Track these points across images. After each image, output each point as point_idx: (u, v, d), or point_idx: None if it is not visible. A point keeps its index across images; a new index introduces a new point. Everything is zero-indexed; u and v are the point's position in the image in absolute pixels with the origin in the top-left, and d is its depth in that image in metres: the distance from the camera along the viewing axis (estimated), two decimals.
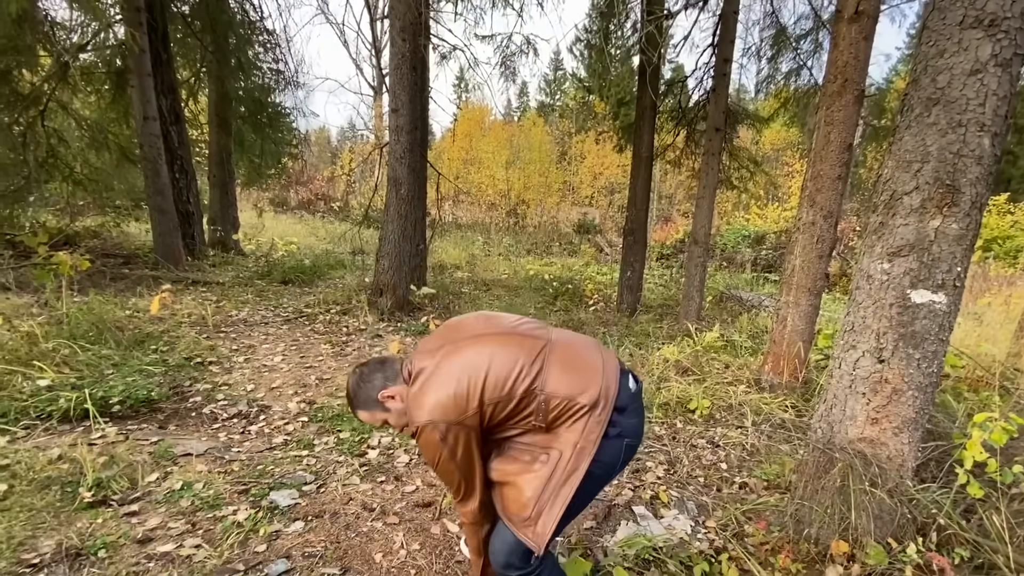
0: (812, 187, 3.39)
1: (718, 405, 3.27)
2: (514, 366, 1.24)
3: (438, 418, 1.21)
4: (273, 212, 14.08)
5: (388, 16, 4.97)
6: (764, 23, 6.23)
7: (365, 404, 1.35)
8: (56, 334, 3.30)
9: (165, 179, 6.16)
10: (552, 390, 1.24)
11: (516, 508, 1.26)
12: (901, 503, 1.75)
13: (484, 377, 1.23)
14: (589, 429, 1.25)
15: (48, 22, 5.58)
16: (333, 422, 2.87)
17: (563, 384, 1.25)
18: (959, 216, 1.65)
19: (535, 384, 1.24)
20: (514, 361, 1.24)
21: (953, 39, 1.63)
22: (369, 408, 1.34)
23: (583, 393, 1.25)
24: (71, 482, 2.06)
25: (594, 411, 1.25)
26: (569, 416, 1.25)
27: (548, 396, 1.24)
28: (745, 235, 12.68)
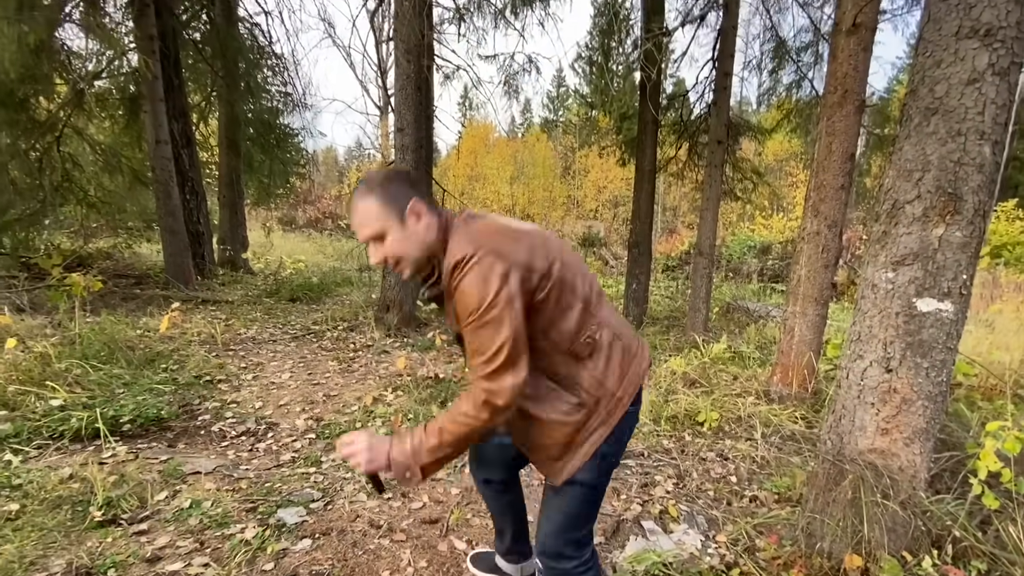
0: (815, 197, 3.39)
1: (727, 417, 3.24)
2: (578, 268, 1.13)
3: (500, 252, 0.99)
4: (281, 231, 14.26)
5: (393, 38, 5.09)
6: (764, 37, 6.32)
7: (381, 197, 1.06)
8: (69, 354, 3.35)
9: (176, 201, 6.28)
10: (603, 317, 1.15)
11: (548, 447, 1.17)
12: (915, 515, 1.72)
13: (556, 248, 1.09)
14: (629, 380, 1.16)
15: (64, 51, 5.77)
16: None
17: (612, 320, 1.18)
18: (962, 224, 1.66)
19: (591, 300, 1.13)
20: (577, 266, 1.14)
21: (949, 49, 1.65)
22: (383, 203, 1.06)
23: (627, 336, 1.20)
24: (82, 501, 2.07)
25: (636, 359, 1.19)
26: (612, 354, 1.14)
27: (600, 321, 1.14)
28: (750, 246, 12.65)
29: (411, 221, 1.08)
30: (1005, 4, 1.56)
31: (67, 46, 5.83)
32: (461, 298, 1.00)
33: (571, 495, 1.21)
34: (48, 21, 4.79)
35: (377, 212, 1.06)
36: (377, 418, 3.14)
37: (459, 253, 1.01)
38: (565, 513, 1.23)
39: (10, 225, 5.58)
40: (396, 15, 4.85)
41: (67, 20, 5.39)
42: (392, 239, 1.07)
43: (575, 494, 1.21)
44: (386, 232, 1.07)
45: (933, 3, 1.68)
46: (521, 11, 5.75)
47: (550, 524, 1.25)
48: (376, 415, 3.18)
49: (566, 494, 1.21)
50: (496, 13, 5.80)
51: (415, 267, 1.11)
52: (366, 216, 1.06)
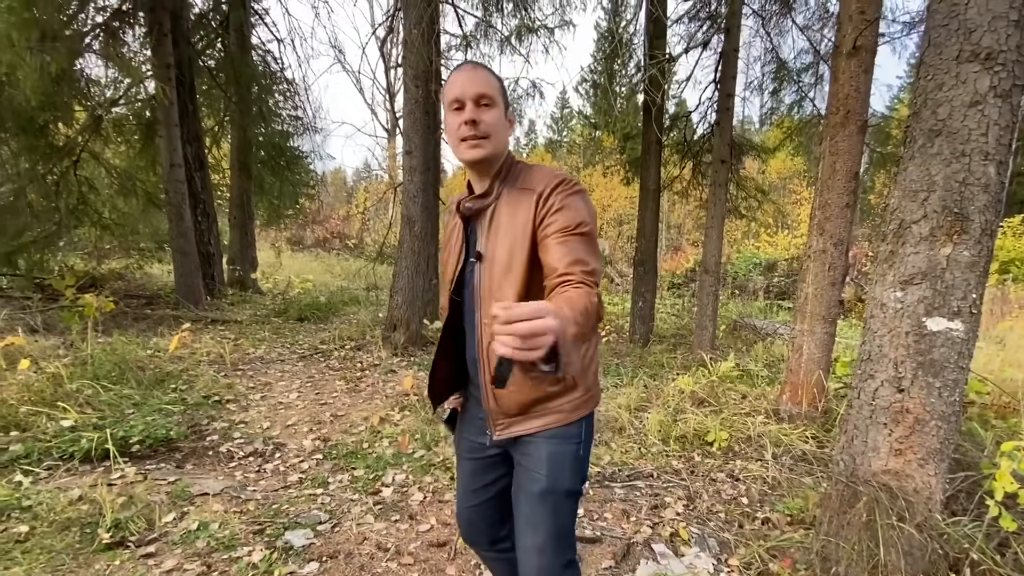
0: (821, 216, 3.41)
1: (736, 437, 3.20)
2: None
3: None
4: (290, 250, 14.41)
5: (402, 65, 5.22)
6: (765, 59, 6.41)
7: (501, 83, 1.12)
8: (80, 375, 3.38)
9: (188, 222, 6.39)
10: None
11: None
12: (931, 538, 1.69)
13: None
14: (598, 385, 1.21)
15: (84, 79, 5.95)
16: (348, 459, 2.87)
17: None
18: (970, 243, 1.66)
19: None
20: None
21: (951, 73, 1.67)
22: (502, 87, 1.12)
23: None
24: (90, 523, 2.08)
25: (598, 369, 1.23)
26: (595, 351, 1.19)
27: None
28: (756, 263, 12.62)
29: (509, 121, 1.13)
30: (1005, 28, 1.59)
31: (86, 74, 6.02)
32: (569, 210, 1.03)
33: (553, 503, 1.11)
34: (69, 51, 4.96)
35: (498, 86, 1.09)
36: (384, 438, 3.13)
37: (559, 175, 1.07)
38: (556, 526, 1.12)
39: (26, 247, 5.69)
40: (405, 43, 4.98)
41: (87, 50, 5.58)
42: (496, 114, 1.08)
43: (557, 502, 1.12)
44: (495, 105, 1.08)
45: (933, 28, 1.71)
46: (526, 38, 5.90)
47: (540, 555, 1.11)
48: (383, 435, 3.17)
49: (546, 503, 1.11)
50: (502, 40, 5.95)
51: (494, 152, 1.09)
52: (488, 81, 1.08)
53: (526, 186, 1.08)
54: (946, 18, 1.67)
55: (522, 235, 1.05)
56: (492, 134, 1.07)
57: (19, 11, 4.40)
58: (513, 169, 1.13)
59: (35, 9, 4.53)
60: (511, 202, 1.09)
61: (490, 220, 1.11)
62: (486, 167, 1.11)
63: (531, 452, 1.14)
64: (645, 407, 3.60)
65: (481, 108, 1.06)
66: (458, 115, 1.07)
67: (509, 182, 1.12)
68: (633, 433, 3.23)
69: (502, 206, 1.10)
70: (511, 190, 1.10)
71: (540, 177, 1.08)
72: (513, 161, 1.14)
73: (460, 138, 1.07)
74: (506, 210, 1.09)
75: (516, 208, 1.08)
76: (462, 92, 1.06)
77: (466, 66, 1.10)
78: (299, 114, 8.92)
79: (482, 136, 1.06)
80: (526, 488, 1.14)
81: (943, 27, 1.68)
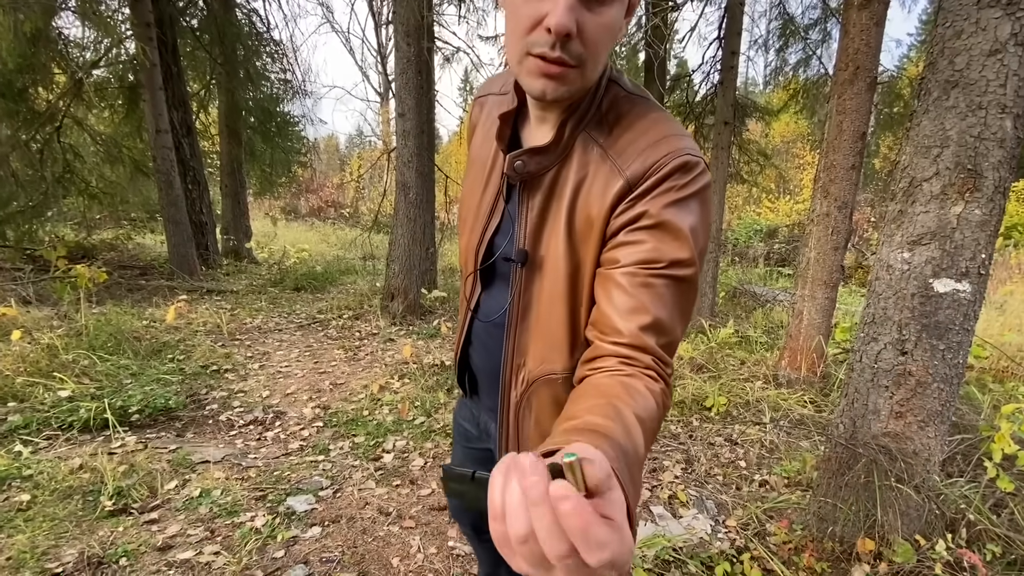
0: (825, 178, 3.33)
1: (735, 402, 3.22)
2: None
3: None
4: (284, 220, 14.23)
5: (392, 21, 5.00)
6: (771, 14, 6.17)
7: None
8: (76, 345, 3.35)
9: (178, 191, 6.25)
10: None
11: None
12: (929, 499, 1.70)
13: None
14: None
15: (62, 40, 5.70)
16: (348, 427, 2.88)
17: None
18: (982, 201, 1.61)
19: None
20: None
21: (971, 19, 1.58)
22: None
23: None
24: (92, 491, 2.09)
25: None
26: None
27: None
28: (757, 229, 12.53)
29: (629, 15, 0.63)
30: None
31: (64, 35, 5.76)
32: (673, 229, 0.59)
33: None
34: (44, 9, 4.72)
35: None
36: (384, 405, 3.14)
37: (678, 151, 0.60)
38: None
39: (13, 217, 5.58)
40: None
41: (63, 8, 5.32)
42: (612, 18, 0.57)
43: None
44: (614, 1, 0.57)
45: None
46: None
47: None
48: (383, 403, 3.18)
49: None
50: None
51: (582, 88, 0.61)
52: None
53: (620, 152, 0.63)
54: None
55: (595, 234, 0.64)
56: (593, 58, 0.58)
57: None
58: (601, 105, 0.66)
59: None
60: (587, 167, 0.65)
61: (547, 196, 0.68)
62: (561, 104, 0.65)
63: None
64: None
65: (591, 5, 0.55)
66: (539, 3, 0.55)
67: (592, 129, 0.65)
68: None
69: (570, 170, 0.66)
70: (592, 148, 0.65)
71: (647, 143, 0.62)
72: (608, 85, 0.67)
73: (534, 53, 0.57)
74: (574, 180, 0.65)
75: (593, 181, 0.64)
76: None
77: None
78: (288, 77, 8.62)
79: (575, 64, 0.57)
80: None
81: None
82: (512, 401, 0.77)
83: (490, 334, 0.81)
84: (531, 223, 0.69)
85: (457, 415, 1.10)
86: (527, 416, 0.76)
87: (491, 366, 0.81)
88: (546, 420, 0.75)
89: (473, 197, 0.79)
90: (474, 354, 0.88)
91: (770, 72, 6.68)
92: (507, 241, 0.74)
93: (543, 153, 0.66)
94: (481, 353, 0.86)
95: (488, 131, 0.77)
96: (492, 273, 0.78)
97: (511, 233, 0.73)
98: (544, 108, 0.67)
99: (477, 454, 1.05)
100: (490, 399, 0.86)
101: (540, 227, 0.69)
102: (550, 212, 0.68)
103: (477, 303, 0.82)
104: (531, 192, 0.69)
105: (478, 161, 0.79)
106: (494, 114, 0.73)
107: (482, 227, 0.76)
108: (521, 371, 0.74)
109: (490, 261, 0.77)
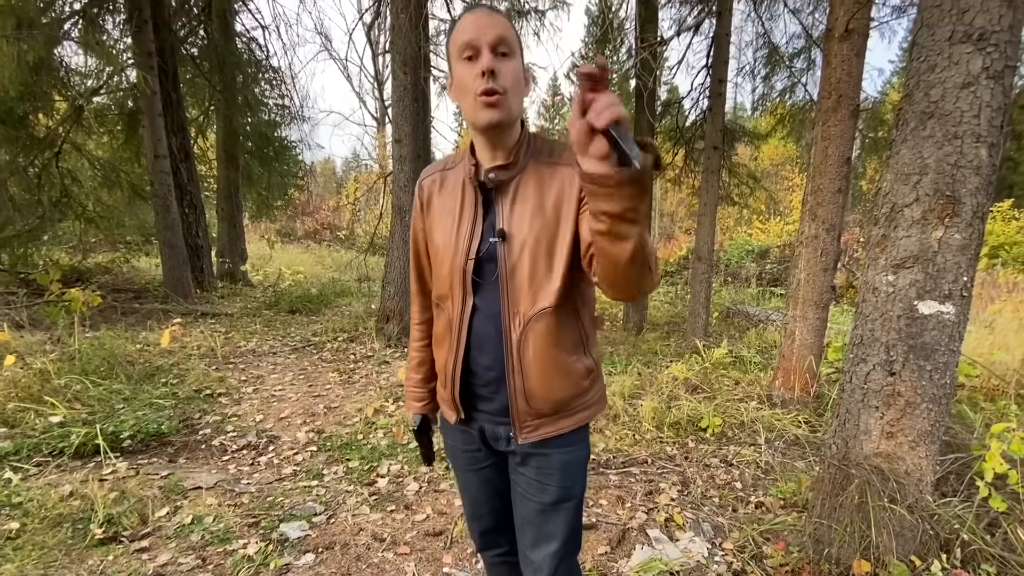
0: (813, 201, 3.41)
1: (730, 423, 3.23)
2: None
3: None
4: (280, 242, 14.27)
5: (390, 51, 5.13)
6: (757, 43, 6.37)
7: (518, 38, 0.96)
8: (68, 370, 3.33)
9: (175, 215, 6.29)
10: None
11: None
12: (922, 519, 1.71)
13: None
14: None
15: (63, 68, 5.80)
16: (342, 451, 2.86)
17: None
18: (961, 226, 1.66)
19: None
20: None
21: (943, 54, 1.66)
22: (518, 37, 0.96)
23: None
24: (82, 519, 2.06)
25: None
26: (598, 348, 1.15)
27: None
28: (748, 250, 12.68)
29: (526, 79, 0.98)
30: (998, 8, 1.57)
31: (66, 63, 5.87)
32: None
33: (566, 511, 1.08)
34: (47, 39, 4.83)
35: (515, 35, 0.94)
36: (379, 429, 3.12)
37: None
38: (570, 529, 1.10)
39: (9, 241, 5.58)
40: (392, 28, 4.89)
41: (66, 38, 5.43)
42: (516, 67, 0.92)
43: (570, 508, 1.09)
44: (513, 56, 0.92)
45: (926, 9, 1.70)
46: (517, 22, 5.81)
47: (554, 559, 1.08)
48: (378, 426, 3.16)
49: (560, 512, 1.08)
50: None
51: (514, 114, 0.94)
52: (507, 26, 0.92)
53: (561, 161, 0.96)
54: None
55: (561, 216, 0.94)
56: (512, 91, 0.91)
57: None
58: (535, 140, 1.01)
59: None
60: (539, 176, 0.97)
61: (514, 194, 0.97)
62: (503, 133, 0.95)
63: (541, 464, 1.05)
64: (639, 394, 3.62)
65: (499, 58, 0.89)
66: (471, 65, 0.89)
67: (535, 153, 0.99)
68: (628, 420, 3.25)
69: (528, 179, 0.97)
70: (539, 162, 0.98)
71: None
72: (530, 134, 1.02)
73: (477, 92, 0.89)
74: (533, 185, 0.96)
75: (547, 183, 0.95)
76: (477, 36, 0.89)
77: (480, 8, 0.92)
78: (286, 103, 8.77)
79: (502, 92, 0.89)
80: (536, 499, 1.07)
81: (936, 7, 1.66)
82: (514, 340, 0.98)
83: (492, 322, 1.00)
84: (505, 214, 0.97)
85: (454, 448, 1.17)
86: (526, 349, 0.97)
87: (493, 342, 1.01)
88: (542, 348, 0.98)
89: (450, 234, 1.03)
90: (478, 354, 1.03)
91: (757, 98, 6.88)
92: (486, 244, 0.99)
93: (506, 168, 0.98)
94: (486, 344, 1.02)
95: (447, 187, 1.07)
96: (481, 272, 1.00)
97: (491, 233, 0.98)
98: (493, 141, 0.97)
99: (490, 472, 1.15)
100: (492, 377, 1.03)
101: (511, 215, 0.97)
102: (516, 205, 0.97)
103: (474, 306, 1.01)
104: (502, 195, 0.98)
105: (444, 210, 1.05)
106: (449, 177, 1.07)
107: (465, 245, 1.00)
108: (517, 316, 0.97)
109: (479, 254, 0.99)
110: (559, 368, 1.00)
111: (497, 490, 1.18)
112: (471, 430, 1.10)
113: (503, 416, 1.04)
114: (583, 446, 1.10)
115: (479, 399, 1.06)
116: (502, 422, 1.05)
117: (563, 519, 1.07)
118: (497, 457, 1.14)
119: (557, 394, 1.01)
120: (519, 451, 1.06)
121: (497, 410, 1.05)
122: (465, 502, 1.23)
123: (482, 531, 1.24)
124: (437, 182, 1.10)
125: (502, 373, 1.01)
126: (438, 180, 1.10)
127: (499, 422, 1.05)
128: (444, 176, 1.08)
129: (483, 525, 1.23)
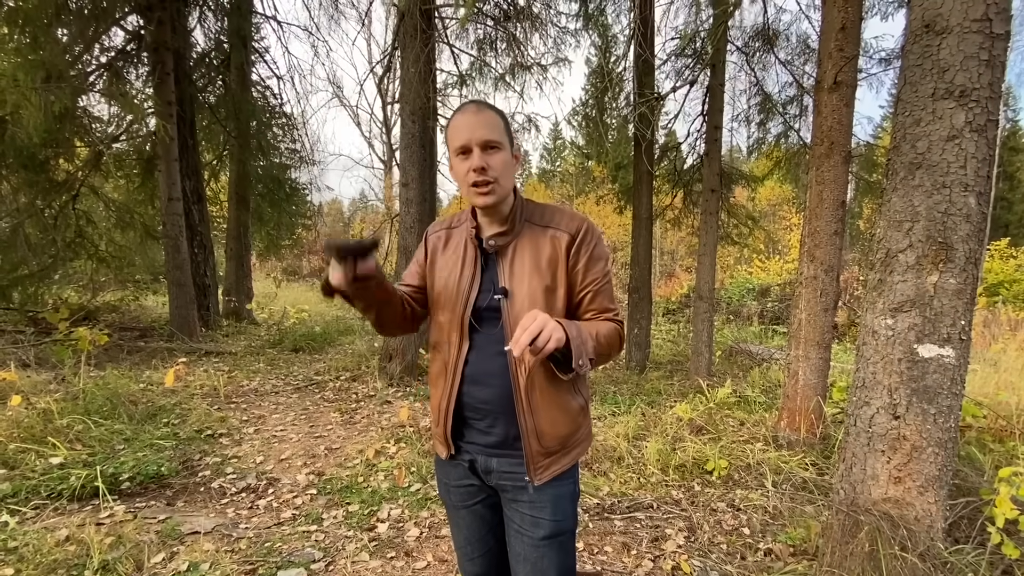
0: (810, 243, 3.47)
1: (736, 465, 3.17)
2: None
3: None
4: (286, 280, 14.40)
5: (399, 102, 5.36)
6: (750, 92, 6.62)
7: (505, 121, 1.12)
8: (71, 410, 3.33)
9: (185, 255, 6.41)
10: None
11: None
12: (935, 567, 1.67)
13: None
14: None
15: (87, 116, 6.06)
16: (342, 494, 2.82)
17: None
18: (955, 271, 1.70)
19: None
20: None
21: (927, 109, 1.75)
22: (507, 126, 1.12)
23: None
24: (77, 564, 2.02)
25: None
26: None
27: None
28: (749, 288, 12.72)
29: (515, 158, 1.14)
30: (977, 67, 1.67)
31: (89, 111, 6.13)
32: (598, 260, 1.13)
33: (560, 544, 1.13)
34: (74, 90, 5.07)
35: (502, 127, 1.09)
36: (380, 472, 3.08)
37: (580, 218, 1.14)
38: (565, 567, 1.15)
39: (21, 281, 5.67)
40: (402, 81, 5.13)
41: (91, 89, 5.70)
42: (503, 158, 1.08)
43: (564, 542, 1.14)
44: (501, 148, 1.08)
45: (908, 68, 1.80)
46: (520, 75, 6.09)
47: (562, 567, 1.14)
48: (379, 468, 3.12)
49: (553, 547, 1.12)
50: (497, 78, 6.14)
51: (504, 195, 1.11)
52: (494, 123, 1.08)
53: (550, 225, 1.13)
54: (920, 58, 1.75)
55: (552, 277, 1.10)
56: (501, 178, 1.08)
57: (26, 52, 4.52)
58: (527, 206, 1.17)
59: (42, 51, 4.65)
60: (533, 239, 1.12)
61: (512, 256, 1.12)
62: (497, 209, 1.12)
63: (534, 499, 1.11)
64: (643, 435, 3.58)
65: (488, 153, 1.07)
66: (465, 161, 1.07)
67: (528, 216, 1.15)
68: (632, 462, 3.20)
69: (524, 242, 1.12)
70: (532, 227, 1.13)
71: (562, 218, 1.13)
72: (523, 198, 1.18)
73: (470, 184, 1.07)
74: (528, 247, 1.11)
75: (539, 246, 1.11)
76: (469, 139, 1.06)
77: (469, 107, 1.09)
78: (297, 147, 9.07)
79: (491, 181, 1.07)
80: (529, 534, 1.12)
81: (918, 66, 1.76)
82: (522, 384, 1.09)
83: (488, 357, 1.12)
84: (506, 273, 1.12)
85: (447, 484, 1.24)
86: (533, 390, 1.09)
87: (496, 380, 1.11)
88: (545, 387, 1.10)
89: (449, 285, 1.16)
90: (472, 389, 1.13)
91: (753, 143, 7.08)
92: (488, 295, 1.12)
93: (503, 235, 1.14)
94: (482, 379, 1.12)
95: (451, 245, 1.21)
96: (479, 321, 1.13)
97: (491, 287, 1.13)
98: (487, 215, 1.14)
99: (482, 508, 1.21)
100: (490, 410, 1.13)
101: (511, 274, 1.11)
102: (515, 266, 1.12)
103: (471, 346, 1.12)
104: (502, 256, 1.13)
105: (447, 266, 1.19)
106: (454, 236, 1.21)
107: (464, 298, 1.13)
108: (523, 363, 1.08)
109: (483, 305, 1.12)
110: (560, 406, 1.11)
111: (490, 527, 1.23)
112: (462, 461, 1.18)
113: (498, 449, 1.13)
114: (572, 482, 1.17)
115: (474, 432, 1.15)
116: (495, 454, 1.13)
117: (556, 554, 1.13)
118: (490, 491, 1.20)
119: (561, 429, 1.12)
120: (510, 487, 1.14)
121: (492, 443, 1.13)
122: (458, 545, 1.27)
123: (482, 570, 1.26)
124: (442, 239, 1.23)
125: (502, 409, 1.10)
126: (443, 237, 1.23)
127: (492, 454, 1.13)
128: (449, 234, 1.22)
129: (476, 568, 1.26)
